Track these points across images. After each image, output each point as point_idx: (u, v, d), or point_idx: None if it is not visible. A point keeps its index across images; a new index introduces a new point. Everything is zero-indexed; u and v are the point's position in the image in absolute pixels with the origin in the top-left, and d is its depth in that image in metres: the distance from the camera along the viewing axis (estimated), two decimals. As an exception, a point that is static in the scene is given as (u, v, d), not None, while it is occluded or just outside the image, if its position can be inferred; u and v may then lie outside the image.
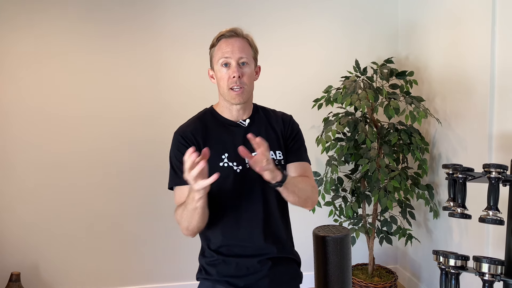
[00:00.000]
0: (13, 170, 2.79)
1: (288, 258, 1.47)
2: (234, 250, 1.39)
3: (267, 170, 1.23)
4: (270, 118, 1.50)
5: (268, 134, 1.45)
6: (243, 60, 1.37)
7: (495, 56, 2.18)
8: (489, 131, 2.20)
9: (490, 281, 1.34)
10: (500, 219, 1.35)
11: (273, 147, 1.43)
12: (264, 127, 1.46)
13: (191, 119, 1.47)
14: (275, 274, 1.40)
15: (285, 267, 1.45)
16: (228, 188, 1.35)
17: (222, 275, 1.38)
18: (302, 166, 1.49)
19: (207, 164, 1.32)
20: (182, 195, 1.35)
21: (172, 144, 1.41)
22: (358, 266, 2.94)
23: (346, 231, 1.49)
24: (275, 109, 1.57)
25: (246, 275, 1.38)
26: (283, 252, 1.44)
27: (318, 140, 2.70)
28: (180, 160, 1.33)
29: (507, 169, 1.38)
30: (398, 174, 2.51)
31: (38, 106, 2.80)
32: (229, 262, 1.39)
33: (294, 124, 1.53)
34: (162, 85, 2.94)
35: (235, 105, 1.41)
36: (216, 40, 1.40)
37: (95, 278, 2.91)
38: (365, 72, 2.72)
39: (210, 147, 1.34)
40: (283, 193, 1.34)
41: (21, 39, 2.76)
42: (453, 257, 1.45)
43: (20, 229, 2.81)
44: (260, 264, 1.38)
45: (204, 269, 1.43)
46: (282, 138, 1.47)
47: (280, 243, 1.43)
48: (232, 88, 1.37)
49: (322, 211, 2.90)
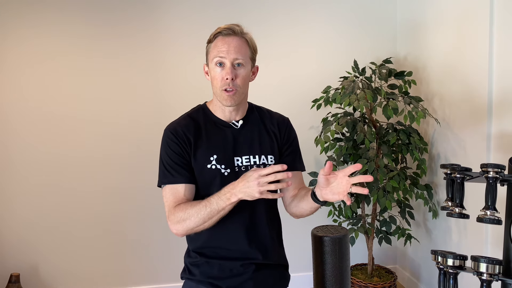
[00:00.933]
0: (13, 170, 2.80)
1: (274, 264, 1.43)
2: (217, 252, 1.36)
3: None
4: (265, 120, 1.45)
5: (261, 136, 1.41)
6: (238, 61, 1.33)
7: (493, 56, 2.18)
8: (487, 131, 2.21)
9: (488, 281, 1.34)
10: (498, 219, 1.36)
11: (265, 151, 1.40)
12: (257, 129, 1.42)
13: (183, 116, 1.43)
14: (258, 277, 1.37)
15: (270, 271, 1.41)
16: (214, 191, 1.28)
17: (205, 276, 1.36)
18: (299, 176, 1.49)
19: (197, 166, 1.33)
20: (176, 194, 1.33)
21: (163, 142, 1.37)
22: (358, 266, 2.94)
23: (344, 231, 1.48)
24: (272, 110, 1.52)
25: (230, 277, 1.36)
26: (268, 258, 1.40)
27: (317, 140, 2.71)
28: (171, 158, 1.33)
29: (505, 169, 1.38)
30: (397, 174, 2.52)
31: (38, 106, 2.80)
32: (212, 264, 1.36)
33: (290, 130, 1.48)
34: (162, 85, 2.94)
35: (227, 106, 1.37)
36: (213, 37, 1.35)
37: (95, 279, 2.91)
38: (363, 72, 2.73)
39: (200, 146, 1.34)
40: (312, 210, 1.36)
41: (21, 39, 2.77)
42: (451, 257, 1.45)
43: (20, 230, 2.81)
44: (243, 267, 1.36)
45: (188, 269, 1.41)
46: (277, 143, 1.43)
47: (265, 249, 1.39)
48: (225, 89, 1.33)
49: (321, 212, 2.89)
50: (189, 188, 1.34)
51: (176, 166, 1.33)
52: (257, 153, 1.39)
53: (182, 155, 1.34)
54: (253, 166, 1.37)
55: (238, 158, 1.37)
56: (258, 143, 1.40)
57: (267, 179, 1.16)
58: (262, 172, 1.17)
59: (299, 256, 3.07)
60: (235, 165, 1.36)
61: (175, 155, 1.33)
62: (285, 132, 1.46)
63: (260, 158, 1.39)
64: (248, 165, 1.37)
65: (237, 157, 1.36)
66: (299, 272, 3.07)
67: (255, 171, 1.19)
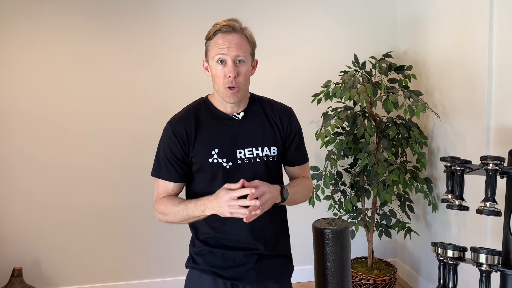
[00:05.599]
0: (14, 166, 2.81)
1: (277, 254, 1.45)
2: (221, 242, 1.39)
3: (264, 210, 1.28)
4: (267, 110, 1.44)
5: (263, 127, 1.41)
6: (240, 58, 1.32)
7: (493, 50, 2.19)
8: (487, 125, 2.22)
9: (488, 272, 1.36)
10: (497, 210, 1.37)
11: (267, 143, 1.40)
12: (259, 120, 1.42)
13: (185, 110, 1.44)
14: (261, 267, 1.40)
15: (273, 261, 1.43)
16: (217, 185, 1.32)
17: (209, 265, 1.39)
18: (304, 167, 1.52)
19: (198, 160, 1.35)
20: (165, 188, 1.39)
21: (164, 136, 1.40)
22: (358, 259, 2.96)
23: (345, 223, 1.50)
24: (274, 100, 1.51)
25: (233, 267, 1.38)
26: (271, 249, 1.42)
27: (318, 134, 2.72)
28: (167, 156, 1.37)
29: (504, 161, 1.40)
30: (396, 168, 2.53)
31: (38, 100, 2.81)
32: (215, 253, 1.39)
33: (294, 121, 1.47)
34: (161, 80, 2.94)
35: (230, 103, 1.38)
36: (212, 34, 1.34)
37: (97, 273, 2.93)
38: (363, 66, 2.73)
39: (201, 141, 1.36)
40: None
41: (17, 35, 2.76)
42: (451, 248, 1.46)
43: (22, 225, 2.83)
44: (246, 257, 1.38)
45: (193, 258, 1.43)
46: (280, 134, 1.43)
47: (268, 240, 1.41)
48: (228, 87, 1.32)
49: (322, 205, 2.92)
50: (178, 186, 1.40)
51: (170, 165, 1.37)
52: (260, 144, 1.39)
53: (178, 155, 1.37)
54: (256, 159, 1.38)
55: (240, 150, 1.37)
56: (260, 135, 1.40)
57: (238, 203, 1.21)
58: (233, 195, 1.22)
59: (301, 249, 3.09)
60: (237, 157, 1.36)
61: (172, 154, 1.37)
62: (288, 124, 1.45)
63: (263, 150, 1.39)
64: (251, 157, 1.38)
65: (239, 150, 1.37)
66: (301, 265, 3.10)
67: (227, 193, 1.23)
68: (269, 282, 1.42)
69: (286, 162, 1.49)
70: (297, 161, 1.49)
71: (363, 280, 2.69)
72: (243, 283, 1.39)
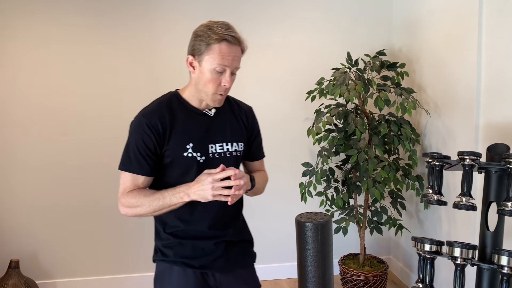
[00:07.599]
0: (13, 158, 2.86)
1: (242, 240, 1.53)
2: (189, 233, 1.42)
3: (242, 193, 1.34)
4: (233, 109, 1.51)
5: (232, 124, 1.48)
6: (237, 70, 1.37)
7: (481, 49, 2.20)
8: (475, 122, 2.23)
9: (462, 265, 1.38)
10: (472, 205, 1.39)
11: (236, 138, 1.47)
12: (229, 116, 1.48)
13: (156, 103, 1.43)
14: (228, 254, 1.45)
15: (238, 248, 1.50)
16: (190, 178, 1.35)
17: (179, 256, 1.41)
18: (262, 162, 1.64)
19: (172, 153, 1.38)
20: (135, 182, 1.38)
21: (135, 129, 1.37)
22: (350, 256, 2.98)
23: (327, 217, 1.52)
24: (236, 98, 1.58)
25: (202, 256, 1.42)
26: (238, 236, 1.50)
27: (309, 131, 2.73)
28: (139, 148, 1.35)
29: (481, 156, 1.41)
30: (387, 165, 2.54)
31: (39, 95, 2.85)
32: (185, 244, 1.42)
33: (254, 119, 1.57)
34: (162, 79, 2.97)
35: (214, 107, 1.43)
36: (215, 39, 1.29)
37: (94, 266, 2.98)
38: (356, 64, 2.75)
39: (175, 135, 1.38)
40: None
41: (17, 34, 2.81)
42: (428, 242, 1.49)
43: (20, 217, 2.88)
44: (215, 246, 1.43)
45: (160, 251, 1.45)
46: (245, 130, 1.51)
47: (235, 227, 1.50)
48: (220, 93, 1.36)
49: (314, 201, 2.95)
50: (148, 179, 1.40)
51: (142, 158, 1.36)
52: (229, 140, 1.45)
53: (151, 148, 1.36)
54: (226, 153, 1.44)
55: (212, 145, 1.42)
56: (229, 131, 1.46)
57: (221, 184, 1.26)
58: (216, 177, 1.26)
59: (289, 245, 3.12)
60: (209, 152, 1.41)
61: (144, 147, 1.35)
62: (252, 121, 1.55)
63: (232, 145, 1.45)
64: (222, 152, 1.43)
65: (211, 145, 1.41)
66: (290, 261, 3.12)
67: (210, 175, 1.27)
68: (237, 267, 1.48)
69: (249, 157, 1.57)
70: (259, 155, 1.60)
71: (354, 276, 2.71)
72: (212, 271, 1.43)
